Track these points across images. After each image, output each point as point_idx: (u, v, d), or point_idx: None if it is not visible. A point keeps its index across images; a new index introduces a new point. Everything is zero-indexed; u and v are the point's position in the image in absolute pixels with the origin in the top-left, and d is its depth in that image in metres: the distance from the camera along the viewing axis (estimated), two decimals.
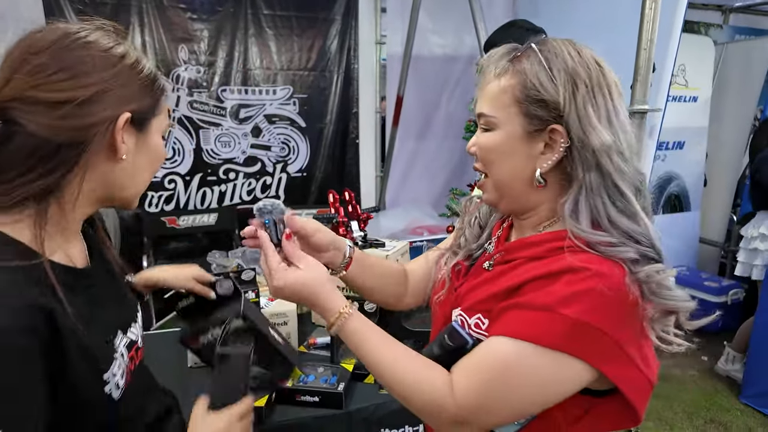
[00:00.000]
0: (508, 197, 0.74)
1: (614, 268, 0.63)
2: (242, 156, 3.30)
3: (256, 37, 3.18)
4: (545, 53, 0.68)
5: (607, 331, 0.62)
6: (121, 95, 0.65)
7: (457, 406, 0.66)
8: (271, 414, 1.21)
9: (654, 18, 1.36)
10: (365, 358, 0.73)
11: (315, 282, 0.74)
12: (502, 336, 0.66)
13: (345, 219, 1.70)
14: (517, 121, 0.69)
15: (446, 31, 3.31)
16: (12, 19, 2.69)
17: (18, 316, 0.54)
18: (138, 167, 0.70)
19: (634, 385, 0.65)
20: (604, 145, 0.65)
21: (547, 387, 0.65)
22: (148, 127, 0.70)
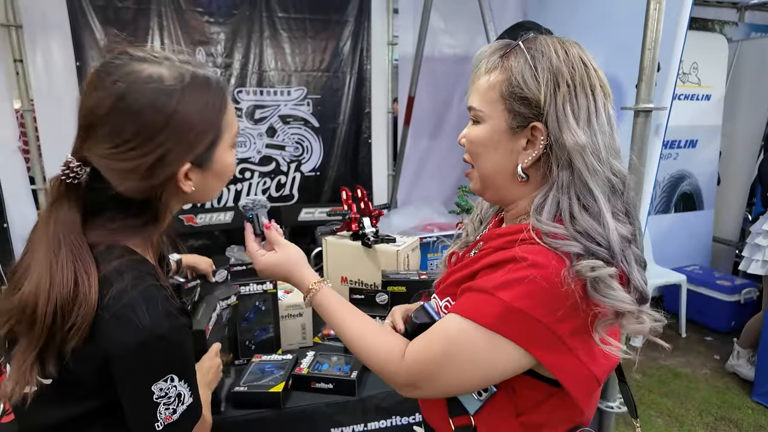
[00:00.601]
0: (491, 189, 0.79)
1: (553, 261, 0.65)
2: (257, 156, 3.37)
3: (271, 40, 3.25)
4: (532, 51, 0.71)
5: (540, 318, 0.65)
6: (180, 150, 0.71)
7: (406, 372, 0.74)
8: (288, 399, 1.27)
9: (659, 18, 1.39)
10: (333, 326, 0.84)
11: (287, 262, 0.88)
12: (453, 314, 0.72)
13: (357, 216, 1.75)
14: (502, 117, 0.73)
15: (457, 31, 3.34)
16: (39, 26, 2.80)
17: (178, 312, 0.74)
18: (209, 186, 0.79)
19: (573, 376, 0.68)
20: (577, 145, 0.67)
21: (484, 363, 0.69)
22: (213, 157, 0.76)
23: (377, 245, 1.69)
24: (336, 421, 1.29)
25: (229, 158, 0.79)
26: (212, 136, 0.74)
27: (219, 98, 0.74)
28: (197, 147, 0.72)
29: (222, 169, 0.78)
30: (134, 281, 0.69)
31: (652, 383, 2.86)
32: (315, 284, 0.86)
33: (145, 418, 0.71)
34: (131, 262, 0.72)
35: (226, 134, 0.76)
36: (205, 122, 0.72)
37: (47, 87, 2.87)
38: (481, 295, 0.69)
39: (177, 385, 0.73)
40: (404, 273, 1.59)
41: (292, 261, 0.88)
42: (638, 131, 1.46)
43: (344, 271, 1.77)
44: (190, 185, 0.74)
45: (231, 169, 0.80)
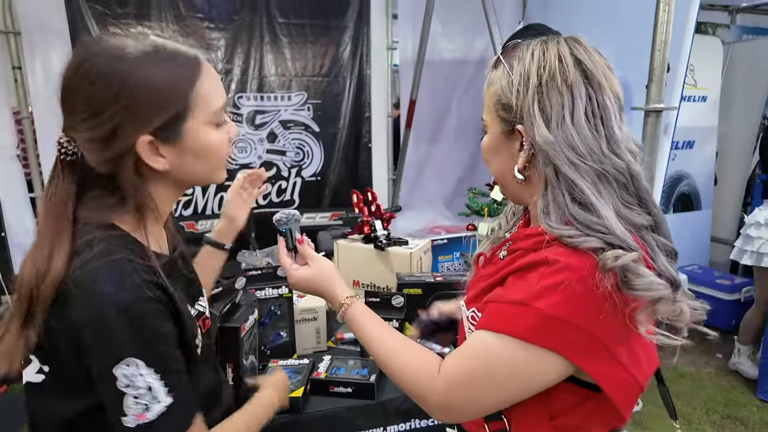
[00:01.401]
0: (507, 191, 0.82)
1: (584, 260, 0.63)
2: (258, 161, 3.36)
3: (272, 45, 3.25)
4: (509, 59, 0.73)
5: (580, 325, 0.62)
6: (134, 122, 0.67)
7: (440, 394, 0.71)
8: (306, 404, 1.26)
9: (668, 20, 1.40)
10: (364, 342, 0.84)
11: (320, 278, 0.89)
12: (483, 329, 0.69)
13: (369, 218, 1.74)
14: (496, 124, 0.76)
15: (456, 35, 3.36)
16: (37, 33, 2.78)
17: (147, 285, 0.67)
18: (188, 166, 0.73)
19: (616, 383, 0.65)
20: (547, 142, 0.67)
21: (525, 377, 0.67)
22: (181, 132, 0.70)
23: (389, 248, 1.68)
24: (356, 425, 1.28)
25: (207, 136, 0.72)
26: (175, 110, 0.68)
27: (187, 71, 0.70)
28: (154, 120, 0.67)
29: (198, 147, 0.72)
30: (102, 252, 0.66)
31: None
32: (347, 299, 0.86)
33: (113, 408, 0.65)
34: (107, 236, 0.69)
35: (198, 110, 0.70)
36: (165, 94, 0.68)
37: (46, 94, 2.84)
38: (513, 306, 0.67)
39: (144, 373, 0.65)
40: (419, 275, 1.58)
41: (325, 276, 0.89)
42: (649, 131, 1.48)
43: (357, 275, 1.76)
44: (163, 162, 0.71)
45: (215, 150, 0.73)
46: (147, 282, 0.68)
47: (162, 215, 0.78)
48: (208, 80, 0.72)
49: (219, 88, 0.75)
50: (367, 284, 1.73)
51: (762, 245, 2.76)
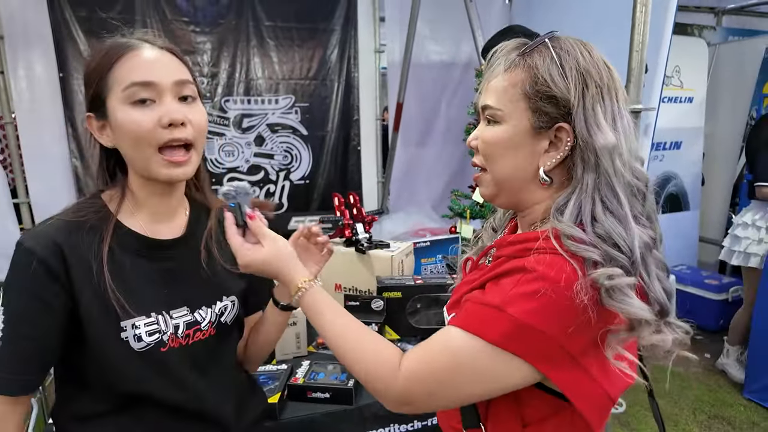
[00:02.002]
0: (507, 193, 0.74)
1: (566, 272, 0.61)
2: (246, 165, 3.35)
3: (258, 48, 3.24)
4: (557, 50, 0.67)
5: (551, 334, 0.62)
6: (86, 101, 0.79)
7: (401, 388, 0.69)
8: (284, 410, 1.25)
9: (645, 21, 1.41)
10: (321, 330, 0.77)
11: (276, 258, 0.79)
12: (455, 327, 0.68)
13: (350, 221, 1.74)
14: (524, 116, 0.68)
15: (444, 38, 3.37)
16: (21, 36, 2.75)
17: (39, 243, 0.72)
18: (123, 146, 0.77)
19: (583, 395, 0.65)
20: (607, 146, 0.65)
21: (488, 379, 0.66)
22: (106, 110, 0.76)
23: (371, 251, 1.67)
24: (335, 430, 1.27)
25: (122, 113, 0.74)
26: (93, 89, 0.76)
27: (109, 57, 0.75)
28: (87, 98, 0.78)
29: (117, 124, 0.75)
30: (60, 213, 0.78)
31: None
32: (305, 282, 0.78)
33: None
34: (76, 203, 0.80)
35: (115, 89, 0.74)
36: (89, 76, 0.77)
37: (29, 99, 2.82)
38: (488, 309, 0.66)
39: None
40: (399, 278, 1.57)
41: (282, 256, 0.79)
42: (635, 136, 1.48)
43: (338, 278, 1.75)
44: (107, 139, 0.78)
45: (131, 127, 0.73)
46: (48, 239, 0.72)
47: (140, 199, 0.81)
48: (130, 63, 0.74)
49: (139, 69, 0.74)
50: (348, 288, 1.72)
51: (749, 245, 2.78)
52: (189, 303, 0.83)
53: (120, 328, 0.75)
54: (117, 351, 0.75)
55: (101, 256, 0.74)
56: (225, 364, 0.91)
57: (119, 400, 0.78)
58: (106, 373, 0.76)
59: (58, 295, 0.72)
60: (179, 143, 0.75)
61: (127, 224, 0.79)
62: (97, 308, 0.74)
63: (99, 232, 0.76)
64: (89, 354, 0.75)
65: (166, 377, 0.79)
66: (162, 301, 0.80)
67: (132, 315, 0.76)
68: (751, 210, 2.86)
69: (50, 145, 2.88)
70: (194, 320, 0.83)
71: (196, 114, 0.77)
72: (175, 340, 0.80)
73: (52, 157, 2.90)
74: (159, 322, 0.79)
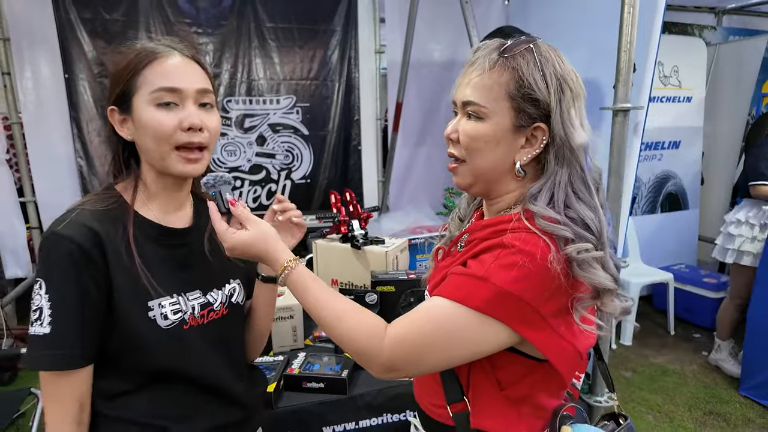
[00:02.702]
0: (482, 183, 0.81)
1: (539, 247, 0.70)
2: (248, 164, 3.40)
3: (260, 49, 3.29)
4: (538, 56, 0.75)
5: (528, 300, 0.70)
6: (108, 96, 0.85)
7: (389, 354, 0.75)
8: (279, 399, 1.29)
9: (633, 21, 1.44)
10: (308, 306, 0.81)
11: (260, 240, 0.82)
12: (438, 296, 0.75)
13: (346, 218, 1.78)
14: (507, 115, 0.75)
15: (443, 38, 3.41)
16: (26, 39, 2.81)
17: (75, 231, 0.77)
18: (142, 141, 0.83)
19: (556, 351, 0.73)
20: (583, 144, 0.75)
21: (471, 343, 0.73)
22: (131, 106, 0.82)
23: (366, 247, 1.71)
24: (328, 420, 1.31)
25: (147, 113, 0.80)
26: (122, 86, 0.82)
27: (139, 58, 0.82)
28: (113, 92, 0.83)
29: (140, 121, 0.81)
30: (79, 203, 0.82)
31: (642, 380, 2.89)
32: (290, 262, 0.81)
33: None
34: (93, 194, 0.85)
35: (142, 90, 0.81)
36: (120, 74, 0.83)
37: (35, 99, 2.88)
38: (471, 279, 0.73)
39: (41, 294, 0.76)
40: (393, 273, 1.61)
41: (266, 238, 0.82)
42: (617, 130, 1.51)
43: (334, 274, 1.79)
44: (126, 132, 0.84)
45: (153, 125, 0.80)
46: (82, 227, 0.77)
47: (153, 191, 0.87)
48: (158, 68, 0.81)
49: (168, 75, 0.81)
50: (344, 282, 1.76)
51: (743, 243, 2.80)
52: (201, 286, 0.90)
53: (148, 308, 0.82)
54: (146, 329, 0.81)
55: (129, 240, 0.81)
56: (237, 343, 0.99)
57: (146, 378, 0.83)
58: (136, 351, 0.82)
59: (95, 277, 0.78)
60: (195, 146, 0.82)
61: (142, 213, 0.86)
62: (127, 289, 0.80)
63: (121, 219, 0.82)
64: (119, 334, 0.80)
65: (189, 354, 0.86)
66: (179, 283, 0.87)
67: (159, 294, 0.83)
68: (744, 208, 2.88)
69: (56, 145, 2.94)
70: (207, 302, 0.90)
71: (212, 120, 0.84)
72: (194, 320, 0.87)
73: (58, 157, 2.95)
74: (180, 302, 0.86)
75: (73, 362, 0.77)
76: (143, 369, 0.83)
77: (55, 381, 0.77)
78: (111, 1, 2.92)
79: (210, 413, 0.89)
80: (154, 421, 0.84)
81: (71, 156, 2.98)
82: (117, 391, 0.83)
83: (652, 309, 3.80)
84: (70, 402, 0.78)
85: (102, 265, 0.78)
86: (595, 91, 1.80)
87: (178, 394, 0.86)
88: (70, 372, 0.77)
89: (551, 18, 2.40)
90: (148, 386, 0.84)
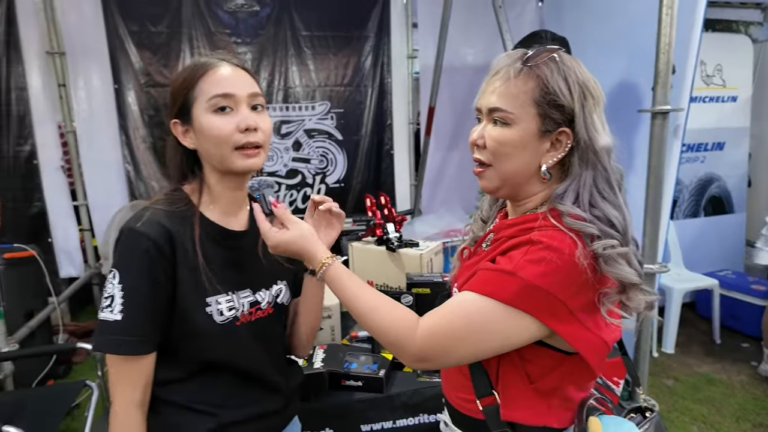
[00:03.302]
0: (509, 186, 0.84)
1: (567, 243, 0.73)
2: (284, 169, 3.49)
3: (296, 57, 3.38)
4: (561, 64, 0.79)
5: (555, 294, 0.73)
6: (170, 110, 0.92)
7: (420, 344, 0.78)
8: (320, 396, 1.33)
9: (671, 22, 1.42)
10: (345, 300, 0.86)
11: (301, 238, 0.88)
12: (468, 291, 0.78)
13: (381, 221, 1.81)
14: (534, 121, 0.79)
15: (476, 42, 3.40)
16: (80, 52, 2.99)
17: (151, 228, 0.84)
18: (204, 147, 0.90)
19: (584, 342, 0.76)
20: (606, 147, 0.78)
21: (501, 335, 0.76)
22: (191, 117, 0.88)
23: (401, 249, 1.74)
24: (367, 417, 1.34)
25: (206, 119, 0.87)
26: (182, 99, 0.89)
27: (194, 73, 0.88)
28: (174, 106, 0.90)
29: (201, 128, 0.87)
30: (152, 203, 0.89)
31: (686, 389, 2.79)
32: (327, 259, 0.87)
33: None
34: (164, 194, 0.92)
35: (200, 99, 0.87)
36: (178, 90, 0.90)
37: (87, 109, 3.06)
38: (500, 274, 0.76)
39: (114, 283, 0.82)
40: (428, 275, 1.63)
41: (305, 237, 0.88)
42: (656, 132, 1.48)
43: (370, 275, 1.82)
44: (189, 141, 0.90)
45: (213, 131, 0.86)
46: (157, 225, 0.84)
47: (216, 193, 0.93)
48: (212, 78, 0.88)
49: (221, 83, 0.88)
50: (380, 285, 1.79)
51: None
52: (251, 285, 0.96)
53: (206, 304, 0.88)
54: (203, 323, 0.87)
55: (195, 240, 0.87)
56: (279, 339, 1.05)
57: (198, 367, 0.90)
58: (193, 343, 0.88)
59: (166, 271, 0.84)
60: (252, 146, 0.88)
61: (205, 214, 0.92)
62: (190, 285, 0.87)
63: (188, 220, 0.89)
64: (178, 326, 0.87)
65: (238, 348, 0.92)
66: (234, 282, 0.93)
67: (217, 292, 0.89)
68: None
69: (106, 152, 3.12)
70: (256, 300, 0.96)
71: (265, 121, 0.91)
72: (244, 317, 0.93)
73: (108, 163, 3.13)
74: (234, 300, 0.92)
75: (142, 348, 0.84)
76: (197, 359, 0.89)
77: (123, 365, 0.84)
78: (156, 14, 3.08)
79: (253, 402, 0.95)
80: (202, 407, 0.90)
81: (120, 162, 3.15)
82: (171, 377, 0.89)
83: (695, 316, 3.66)
84: (135, 385, 0.84)
85: (171, 260, 0.85)
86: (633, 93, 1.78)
87: (226, 383, 0.92)
88: (138, 357, 0.84)
89: (586, 20, 2.37)
90: (199, 375, 0.90)
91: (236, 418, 0.92)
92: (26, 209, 3.05)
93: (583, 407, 0.85)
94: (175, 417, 0.89)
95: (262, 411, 0.96)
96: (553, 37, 1.73)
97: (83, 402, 2.20)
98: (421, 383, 1.38)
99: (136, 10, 3.03)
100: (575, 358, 0.79)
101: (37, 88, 2.96)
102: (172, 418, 0.89)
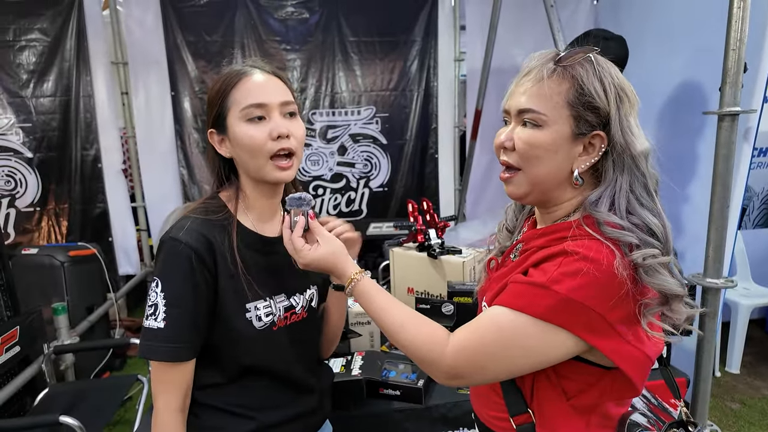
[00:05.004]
0: (539, 192, 0.79)
1: (604, 253, 0.69)
2: (329, 173, 3.54)
3: (343, 63, 3.42)
4: (596, 66, 0.75)
5: (593, 307, 0.68)
6: (209, 119, 0.94)
7: (451, 361, 0.75)
8: (360, 404, 1.32)
9: (743, 16, 1.31)
10: (374, 315, 0.84)
11: (333, 255, 0.88)
12: (500, 305, 0.74)
13: (423, 227, 1.78)
14: (567, 123, 0.74)
15: (526, 43, 3.30)
16: (141, 62, 3.17)
17: (192, 237, 0.86)
18: (239, 155, 0.91)
19: (626, 358, 0.71)
20: (644, 152, 0.74)
21: (536, 351, 0.72)
22: (226, 126, 0.90)
23: (443, 256, 1.70)
24: (405, 428, 1.31)
25: (240, 128, 0.88)
26: (217, 109, 0.90)
27: (227, 82, 0.90)
28: (210, 116, 0.92)
29: (235, 137, 0.89)
30: (191, 209, 0.91)
31: (753, 414, 2.57)
32: (356, 274, 0.86)
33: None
34: (201, 202, 0.94)
35: (233, 109, 0.88)
36: (213, 99, 0.91)
37: (146, 115, 3.24)
38: (532, 288, 0.72)
39: (157, 291, 0.84)
40: (470, 284, 1.58)
41: (337, 253, 0.88)
42: (723, 136, 1.37)
43: (411, 282, 1.80)
44: (225, 150, 0.92)
45: (247, 140, 0.87)
46: (198, 234, 0.85)
47: (251, 200, 0.95)
48: (244, 87, 0.89)
49: (253, 92, 0.88)
50: (420, 291, 1.76)
51: None
52: (286, 290, 0.97)
53: (245, 309, 0.89)
54: (244, 329, 0.89)
55: (233, 247, 0.89)
56: (314, 342, 1.07)
57: (237, 371, 0.91)
58: (233, 349, 0.89)
59: (207, 279, 0.86)
60: (285, 152, 0.89)
61: (242, 222, 0.94)
62: (230, 292, 0.88)
63: (226, 228, 0.90)
64: (219, 331, 0.88)
65: (276, 352, 0.94)
66: (270, 288, 0.94)
67: (256, 297, 0.91)
68: None
69: (162, 156, 3.28)
70: (291, 305, 0.97)
71: (297, 128, 0.91)
72: (281, 321, 0.94)
73: (164, 167, 3.29)
74: (271, 305, 0.93)
75: (183, 355, 0.86)
76: (237, 364, 0.91)
77: (166, 371, 0.86)
78: (211, 24, 3.21)
79: (288, 404, 0.96)
80: (241, 411, 0.91)
81: (175, 165, 3.30)
82: (210, 382, 0.91)
83: (764, 334, 3.38)
84: (177, 390, 0.86)
85: (212, 268, 0.86)
86: (697, 94, 1.66)
87: (263, 386, 0.93)
88: (179, 363, 0.86)
89: (645, 18, 2.24)
90: (238, 379, 0.92)
91: (274, 421, 0.93)
92: (91, 210, 3.25)
93: (624, 424, 0.80)
94: (214, 420, 0.90)
95: (298, 412, 0.97)
96: (609, 36, 1.64)
97: (135, 395, 2.31)
98: (461, 396, 1.34)
99: (193, 21, 3.17)
100: (615, 373, 0.74)
101: (102, 95, 3.16)
102: (211, 422, 0.90)
